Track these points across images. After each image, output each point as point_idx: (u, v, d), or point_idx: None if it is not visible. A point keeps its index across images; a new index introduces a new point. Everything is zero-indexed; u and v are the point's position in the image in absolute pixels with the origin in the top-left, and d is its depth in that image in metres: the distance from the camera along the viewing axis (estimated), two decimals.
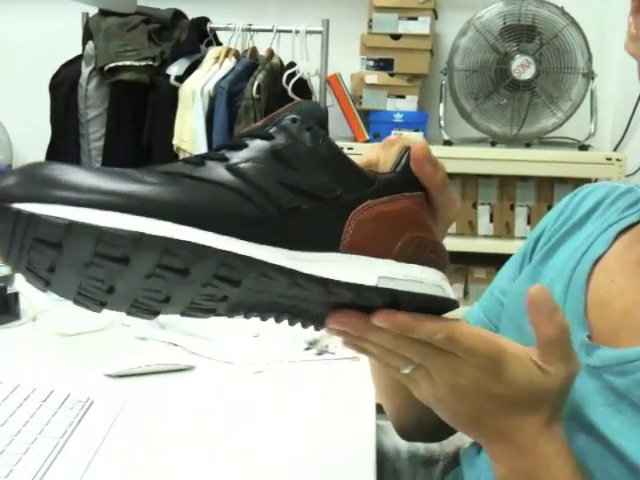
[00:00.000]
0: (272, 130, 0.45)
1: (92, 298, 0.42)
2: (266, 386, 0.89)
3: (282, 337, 0.99)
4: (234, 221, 0.41)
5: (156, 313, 0.44)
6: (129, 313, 0.44)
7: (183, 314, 0.45)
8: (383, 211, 0.46)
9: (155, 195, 0.39)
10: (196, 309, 0.44)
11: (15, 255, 0.39)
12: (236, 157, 0.43)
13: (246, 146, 0.44)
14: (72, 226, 0.37)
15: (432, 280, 0.47)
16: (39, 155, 2.23)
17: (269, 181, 0.43)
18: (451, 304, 0.49)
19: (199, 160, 0.43)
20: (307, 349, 0.98)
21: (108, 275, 0.40)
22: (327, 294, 0.44)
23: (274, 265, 0.41)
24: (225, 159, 0.43)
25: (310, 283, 0.43)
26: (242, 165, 0.43)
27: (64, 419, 0.75)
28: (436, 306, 0.47)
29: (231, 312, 0.46)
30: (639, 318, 0.56)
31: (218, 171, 0.42)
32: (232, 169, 0.42)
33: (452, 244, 0.63)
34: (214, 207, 0.40)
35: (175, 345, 0.98)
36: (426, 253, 0.48)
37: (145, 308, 0.43)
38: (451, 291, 0.49)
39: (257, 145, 0.44)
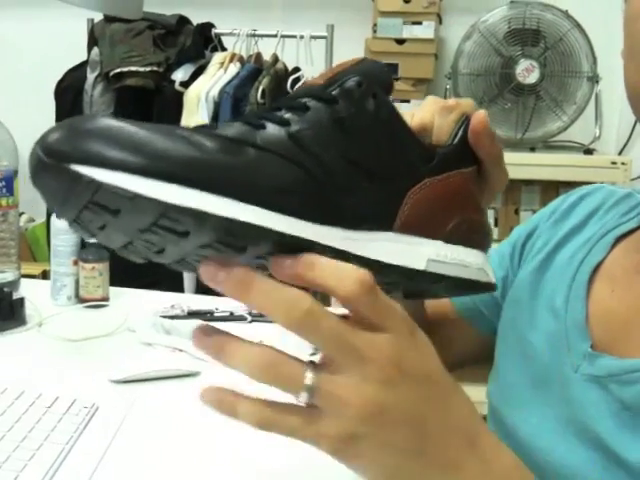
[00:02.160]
0: (335, 92, 0.42)
1: (138, 254, 0.41)
2: (270, 392, 0.89)
3: (287, 343, 0.99)
4: (296, 198, 0.39)
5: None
6: (171, 266, 0.43)
7: None
8: (439, 191, 0.45)
9: (221, 168, 0.37)
10: None
11: (64, 211, 0.37)
12: (297, 122, 0.41)
13: (308, 109, 0.42)
14: (136, 198, 0.35)
15: (476, 263, 0.47)
16: None
17: (332, 155, 0.41)
18: (491, 288, 0.48)
19: (259, 122, 0.41)
20: (312, 354, 0.98)
21: (161, 242, 0.38)
22: (376, 274, 0.42)
23: (329, 247, 0.40)
24: (286, 122, 0.41)
25: (360, 264, 0.41)
26: (304, 133, 0.40)
27: (69, 425, 0.75)
28: (476, 289, 0.47)
29: None
30: None
31: (281, 139, 0.40)
32: (294, 138, 0.40)
33: None
34: (277, 184, 0.39)
35: (180, 351, 0.98)
36: (473, 235, 0.47)
37: (192, 267, 0.42)
38: (492, 273, 0.49)
39: (319, 109, 0.42)
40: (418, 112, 0.51)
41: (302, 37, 2.18)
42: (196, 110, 2.10)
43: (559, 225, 0.70)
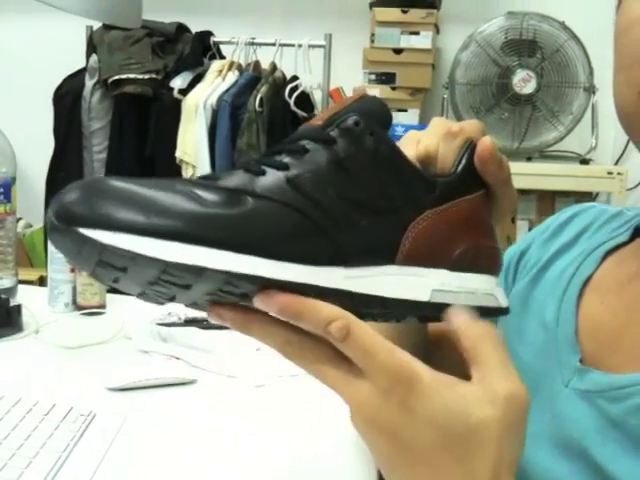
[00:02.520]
0: (333, 133, 0.43)
1: (154, 300, 0.43)
2: (268, 400, 0.89)
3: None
4: (294, 244, 0.40)
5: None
6: (187, 307, 0.45)
7: None
8: (442, 221, 0.45)
9: (218, 222, 0.39)
10: None
11: (80, 266, 0.40)
12: (296, 166, 0.42)
13: (307, 151, 0.43)
14: (137, 258, 0.37)
15: (484, 289, 0.47)
16: (43, 167, 2.24)
17: (330, 196, 0.42)
18: (502, 312, 0.48)
19: (259, 169, 0.42)
20: None
21: (170, 292, 0.41)
22: (382, 308, 0.44)
23: (330, 289, 0.41)
24: (285, 167, 0.42)
25: (364, 301, 0.42)
26: (303, 178, 0.42)
27: (66, 433, 0.75)
28: (485, 315, 0.47)
29: None
30: (631, 340, 0.56)
31: (279, 185, 0.41)
32: (293, 183, 0.41)
33: None
34: (276, 232, 0.40)
35: (177, 358, 0.98)
36: (481, 260, 0.47)
37: (205, 308, 0.44)
38: (502, 296, 0.48)
39: (318, 152, 0.43)
40: (423, 139, 0.51)
41: (300, 46, 2.19)
42: (194, 118, 2.11)
43: (550, 242, 0.71)
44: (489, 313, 0.47)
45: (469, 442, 0.39)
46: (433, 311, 0.45)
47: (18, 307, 1.08)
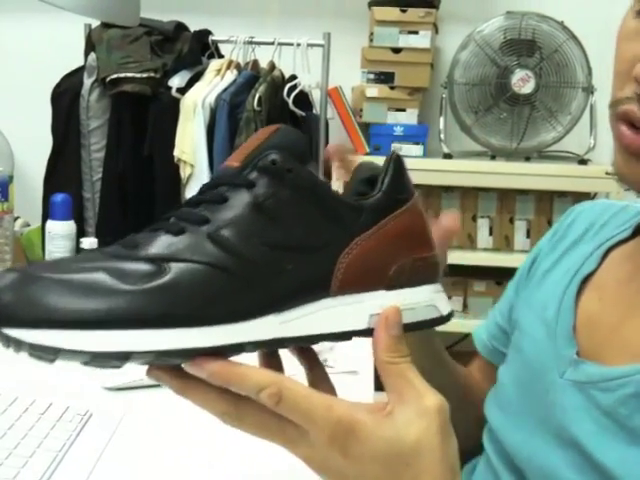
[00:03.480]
0: (252, 176, 0.42)
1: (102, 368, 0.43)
2: None
3: (281, 350, 0.99)
4: (222, 304, 0.39)
5: None
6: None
7: None
8: (372, 245, 0.44)
9: (139, 300, 0.38)
10: None
11: (17, 353, 0.40)
12: (217, 219, 0.41)
13: (226, 200, 0.41)
14: (60, 352, 0.38)
15: (424, 301, 0.46)
16: (41, 166, 2.24)
17: (253, 245, 0.41)
18: (444, 321, 0.47)
19: (179, 228, 0.41)
20: None
21: (109, 364, 0.40)
22: (322, 341, 0.43)
23: (266, 341, 0.41)
24: (205, 221, 0.41)
25: (301, 342, 0.42)
26: (223, 232, 0.40)
27: (63, 432, 0.75)
28: (427, 326, 0.46)
29: None
30: (626, 335, 0.57)
31: (200, 243, 0.40)
32: (214, 239, 0.40)
33: (451, 257, 0.63)
34: (202, 296, 0.39)
35: None
36: (419, 272, 0.46)
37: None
38: (444, 304, 0.47)
39: (237, 198, 0.41)
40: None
41: (299, 45, 2.18)
42: (192, 117, 2.10)
43: (559, 244, 0.72)
44: (430, 324, 0.46)
45: (415, 459, 0.41)
46: (371, 335, 0.44)
47: None
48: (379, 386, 1.02)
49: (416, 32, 2.22)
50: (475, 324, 0.86)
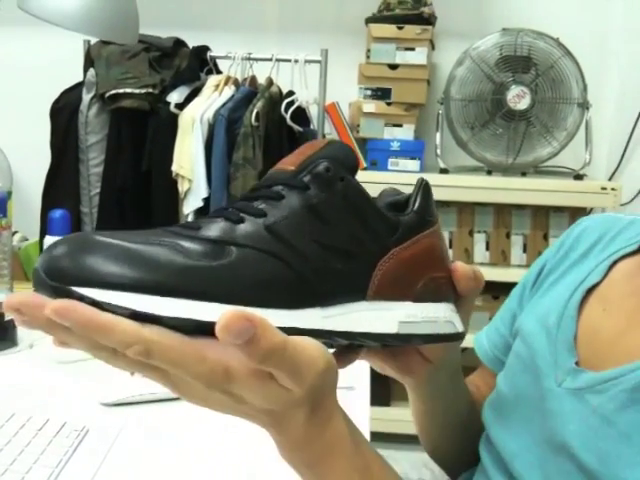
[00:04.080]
0: (306, 179, 0.46)
1: None
2: None
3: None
4: (276, 291, 0.43)
5: None
6: None
7: None
8: (406, 257, 0.49)
9: (206, 274, 0.41)
10: None
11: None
12: (273, 213, 0.45)
13: (282, 197, 0.45)
14: (134, 315, 0.38)
15: (444, 316, 0.51)
16: (39, 181, 2.24)
17: (305, 241, 0.45)
18: (459, 337, 0.53)
19: (238, 216, 0.44)
20: None
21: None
22: (354, 340, 0.47)
23: (311, 329, 0.44)
24: (263, 214, 0.45)
25: (338, 337, 0.46)
26: (280, 225, 0.44)
27: (59, 448, 0.75)
28: (445, 341, 0.52)
29: None
30: (626, 346, 0.57)
31: (259, 232, 0.44)
32: (271, 230, 0.44)
33: None
34: (259, 279, 0.42)
35: None
36: (440, 289, 0.52)
37: None
38: (459, 322, 0.53)
39: (292, 198, 0.45)
40: None
41: (297, 61, 2.20)
42: (191, 132, 2.12)
43: (566, 257, 0.73)
44: (448, 339, 0.52)
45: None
46: (398, 341, 0.49)
47: (13, 321, 1.08)
48: (375, 401, 1.03)
49: (413, 49, 2.24)
50: (473, 339, 0.86)
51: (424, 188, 0.53)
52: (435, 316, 0.51)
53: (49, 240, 1.21)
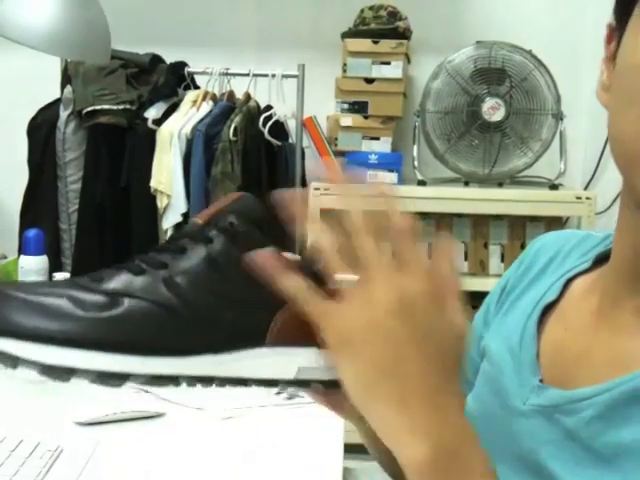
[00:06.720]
0: (212, 233, 0.48)
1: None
2: (236, 432, 0.89)
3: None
4: (165, 340, 0.45)
5: None
6: None
7: None
8: None
9: (95, 326, 0.44)
10: None
11: None
12: (174, 266, 0.46)
13: (185, 251, 0.47)
14: (18, 360, 0.42)
15: None
16: (17, 198, 2.24)
17: (200, 292, 0.46)
18: None
19: (140, 269, 0.46)
20: (278, 394, 0.99)
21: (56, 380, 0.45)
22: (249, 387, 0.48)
23: (201, 376, 0.46)
24: (164, 266, 0.46)
25: (230, 383, 0.47)
26: (178, 279, 0.46)
27: (32, 469, 0.75)
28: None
29: None
30: (592, 363, 0.58)
31: (154, 284, 0.45)
32: (167, 283, 0.46)
33: None
34: (146, 330, 0.44)
35: (146, 392, 0.98)
36: None
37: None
38: None
39: (195, 252, 0.47)
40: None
41: (274, 76, 2.22)
42: (169, 147, 2.12)
43: (526, 274, 0.74)
44: None
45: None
46: (298, 387, 0.49)
47: None
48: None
49: (388, 63, 2.26)
50: None
51: None
52: None
53: (24, 260, 1.21)
